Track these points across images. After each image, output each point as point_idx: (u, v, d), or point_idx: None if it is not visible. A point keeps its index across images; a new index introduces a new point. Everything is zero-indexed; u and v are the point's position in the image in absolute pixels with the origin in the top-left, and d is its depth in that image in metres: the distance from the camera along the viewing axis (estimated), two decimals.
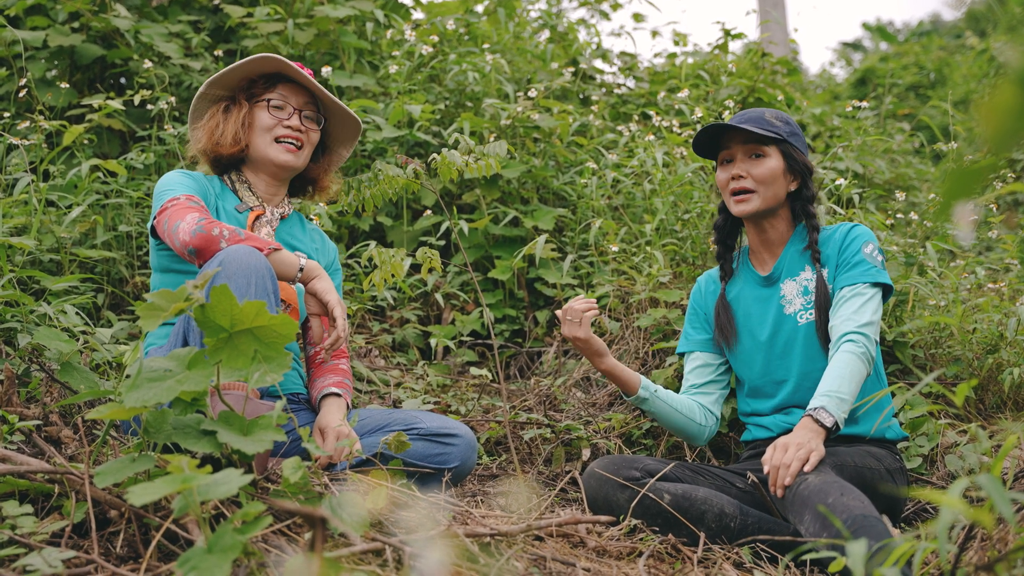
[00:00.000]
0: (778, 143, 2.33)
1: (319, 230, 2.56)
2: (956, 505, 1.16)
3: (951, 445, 2.62)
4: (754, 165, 2.32)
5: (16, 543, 1.40)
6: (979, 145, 0.76)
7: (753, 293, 2.43)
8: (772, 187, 2.32)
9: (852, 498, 1.87)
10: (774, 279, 2.39)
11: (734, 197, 2.35)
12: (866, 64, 10.05)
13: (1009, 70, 0.72)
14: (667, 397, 2.39)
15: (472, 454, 2.29)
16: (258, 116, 2.36)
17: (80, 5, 4.12)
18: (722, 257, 2.49)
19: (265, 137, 2.34)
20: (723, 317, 2.43)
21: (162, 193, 2.21)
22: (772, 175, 2.32)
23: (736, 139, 2.35)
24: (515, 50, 4.98)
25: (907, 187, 5.10)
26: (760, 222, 2.39)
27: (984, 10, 11.14)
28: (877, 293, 2.24)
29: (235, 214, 2.33)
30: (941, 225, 3.59)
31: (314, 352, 2.41)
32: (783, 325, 2.36)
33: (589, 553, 1.94)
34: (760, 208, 2.33)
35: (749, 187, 2.32)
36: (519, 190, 4.01)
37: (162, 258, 2.28)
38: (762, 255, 2.43)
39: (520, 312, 3.79)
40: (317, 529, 1.18)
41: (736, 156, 2.35)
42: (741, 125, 2.30)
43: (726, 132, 2.37)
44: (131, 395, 1.43)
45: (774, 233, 2.39)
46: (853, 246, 2.29)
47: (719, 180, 2.40)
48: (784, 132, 2.33)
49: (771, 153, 2.33)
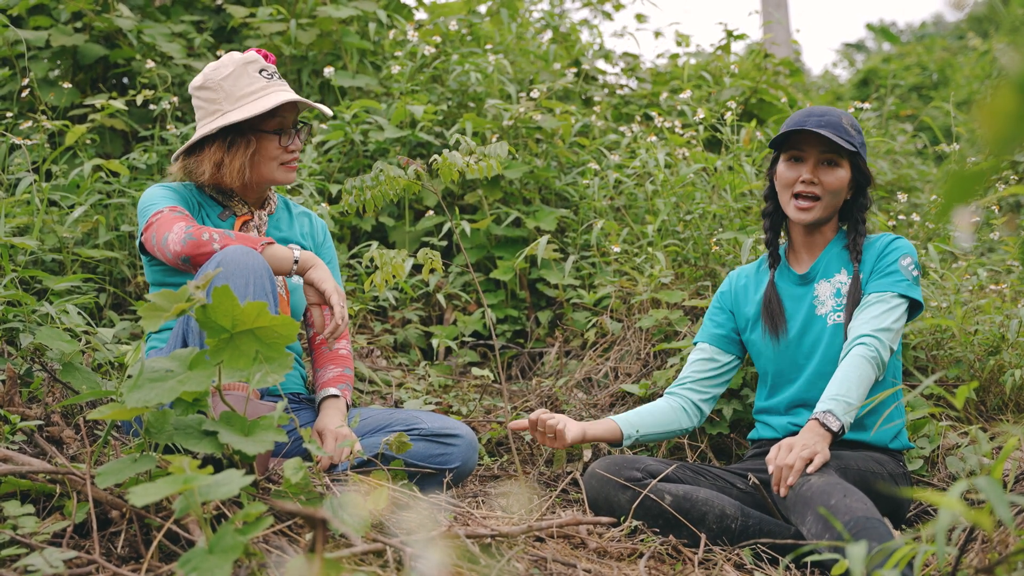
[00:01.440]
0: (851, 154, 2.30)
1: (307, 211, 2.53)
2: (956, 507, 1.16)
3: (952, 447, 2.62)
4: (826, 173, 2.29)
5: (17, 543, 1.41)
6: (981, 147, 0.76)
7: (788, 290, 2.42)
8: (837, 197, 2.31)
9: (855, 500, 1.87)
10: (809, 279, 2.38)
11: (796, 201, 2.31)
12: (869, 65, 10.05)
13: (1009, 74, 0.73)
14: (651, 425, 2.38)
15: (473, 455, 2.29)
16: (266, 147, 2.28)
17: (83, 5, 4.13)
18: (771, 243, 2.45)
19: (272, 164, 2.29)
20: (775, 306, 2.40)
21: (145, 209, 2.19)
22: (841, 185, 2.30)
23: (812, 142, 2.29)
24: (518, 51, 4.98)
25: (909, 188, 5.10)
26: (812, 227, 2.38)
27: (986, 11, 11.13)
28: (903, 304, 2.23)
29: (218, 222, 2.31)
30: (943, 227, 3.58)
31: (314, 334, 2.40)
32: (812, 325, 2.35)
33: (590, 554, 1.94)
34: (820, 217, 2.32)
35: (817, 192, 2.29)
36: (521, 191, 4.01)
37: (155, 273, 2.27)
38: (801, 254, 2.43)
39: (522, 313, 3.79)
40: (318, 530, 1.18)
41: (809, 158, 2.29)
42: (823, 132, 2.24)
43: (801, 131, 2.31)
44: (132, 395, 1.43)
45: (820, 237, 2.39)
46: (891, 256, 2.27)
47: (783, 176, 2.34)
48: (857, 143, 2.29)
49: (843, 165, 2.30)
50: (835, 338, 2.31)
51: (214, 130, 2.22)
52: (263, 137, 2.27)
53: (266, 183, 2.33)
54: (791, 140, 2.32)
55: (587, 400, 3.09)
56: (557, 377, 3.30)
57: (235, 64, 2.26)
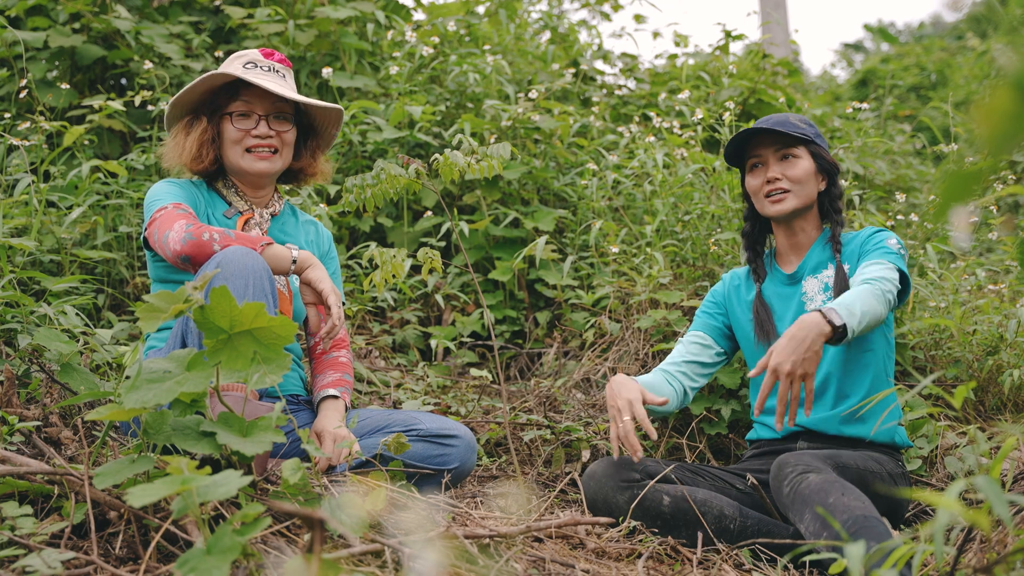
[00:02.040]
0: (806, 144, 2.39)
1: (313, 220, 2.53)
2: (954, 507, 1.16)
3: (951, 447, 2.62)
4: (787, 167, 2.38)
5: (16, 544, 1.40)
6: (979, 147, 0.76)
7: (777, 291, 2.46)
8: (806, 187, 2.38)
9: (853, 498, 1.87)
10: (797, 278, 2.43)
11: (769, 199, 2.39)
12: (867, 65, 10.05)
13: (1006, 74, 0.73)
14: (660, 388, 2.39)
15: (472, 455, 2.29)
16: (225, 129, 2.30)
17: (81, 6, 4.12)
18: (753, 262, 2.52)
19: (236, 149, 2.30)
20: (763, 314, 2.44)
21: (151, 204, 2.20)
22: (806, 174, 2.37)
23: (765, 144, 2.39)
24: (516, 51, 4.98)
25: (908, 188, 5.10)
26: (792, 223, 2.43)
27: (985, 12, 11.14)
28: (896, 273, 2.22)
29: (223, 220, 2.32)
30: (941, 227, 3.59)
31: (314, 343, 2.40)
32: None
33: (588, 555, 1.94)
34: (796, 207, 2.37)
35: (785, 187, 2.37)
36: (520, 191, 4.01)
37: (158, 269, 2.27)
38: (789, 256, 2.47)
39: (520, 313, 3.79)
40: (316, 530, 1.18)
41: (767, 160, 2.40)
42: (769, 126, 2.35)
43: (753, 139, 2.41)
44: (131, 396, 1.43)
45: (803, 236, 2.44)
46: (876, 239, 2.32)
47: (751, 186, 2.44)
48: (810, 133, 2.39)
49: (801, 154, 2.38)
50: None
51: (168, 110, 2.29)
52: (223, 119, 2.30)
53: (238, 173, 2.33)
54: (748, 149, 2.43)
55: (585, 401, 3.09)
56: (556, 377, 3.30)
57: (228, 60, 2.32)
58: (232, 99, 2.30)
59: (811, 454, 2.06)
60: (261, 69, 2.28)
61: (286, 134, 2.34)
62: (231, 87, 2.31)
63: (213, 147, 2.31)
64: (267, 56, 2.32)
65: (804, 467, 1.99)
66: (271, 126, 2.31)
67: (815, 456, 2.06)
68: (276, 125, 2.32)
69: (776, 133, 2.38)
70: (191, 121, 2.32)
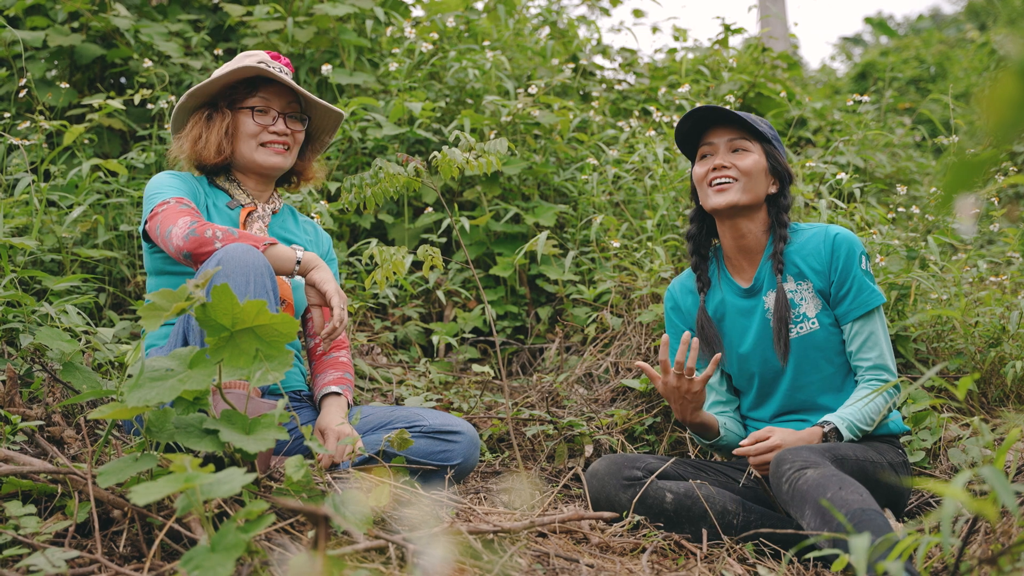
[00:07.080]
0: (762, 142, 2.31)
1: (311, 221, 2.55)
2: (959, 496, 1.16)
3: (954, 439, 2.62)
4: (737, 158, 2.28)
5: (19, 543, 1.40)
6: (980, 138, 0.75)
7: (736, 304, 2.37)
8: (753, 181, 2.27)
9: (851, 492, 1.85)
10: (756, 291, 2.34)
11: (713, 187, 2.28)
12: (866, 58, 10.05)
13: (1010, 62, 0.72)
14: (732, 426, 2.40)
15: (474, 451, 2.29)
16: (242, 122, 2.32)
17: (80, 5, 4.12)
18: (698, 268, 2.41)
19: (251, 143, 2.32)
20: (708, 330, 2.37)
21: (152, 196, 2.21)
22: (756, 167, 2.27)
23: (719, 134, 2.30)
24: (515, 47, 4.97)
25: (908, 181, 5.10)
26: (737, 221, 2.31)
27: (984, 4, 11.12)
28: (880, 312, 2.27)
29: (227, 211, 2.32)
30: (943, 219, 3.58)
31: (314, 344, 2.41)
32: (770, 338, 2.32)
33: (592, 549, 1.94)
34: (739, 201, 2.26)
35: (732, 175, 2.26)
36: (520, 187, 4.00)
37: (155, 261, 2.27)
38: (739, 262, 2.37)
39: (522, 309, 3.79)
40: (320, 527, 1.18)
41: (718, 150, 2.30)
42: (725, 109, 2.26)
43: (707, 129, 2.32)
44: (133, 395, 1.43)
45: (751, 238, 2.32)
46: (849, 262, 2.24)
47: (696, 175, 2.33)
48: (770, 135, 2.32)
49: (753, 149, 2.29)
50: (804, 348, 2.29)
51: (184, 100, 2.29)
52: (240, 112, 2.32)
53: (250, 166, 2.34)
54: (701, 140, 2.33)
55: (588, 395, 3.09)
56: (558, 373, 3.30)
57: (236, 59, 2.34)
58: (249, 94, 2.33)
59: (809, 448, 2.03)
60: (274, 70, 2.32)
61: (298, 133, 2.38)
62: (248, 82, 2.34)
63: (229, 140, 2.32)
64: (274, 59, 2.36)
65: (802, 463, 1.97)
66: (286, 123, 2.35)
67: (813, 450, 2.02)
68: (290, 124, 2.36)
69: (731, 121, 2.28)
70: (210, 114, 2.33)
